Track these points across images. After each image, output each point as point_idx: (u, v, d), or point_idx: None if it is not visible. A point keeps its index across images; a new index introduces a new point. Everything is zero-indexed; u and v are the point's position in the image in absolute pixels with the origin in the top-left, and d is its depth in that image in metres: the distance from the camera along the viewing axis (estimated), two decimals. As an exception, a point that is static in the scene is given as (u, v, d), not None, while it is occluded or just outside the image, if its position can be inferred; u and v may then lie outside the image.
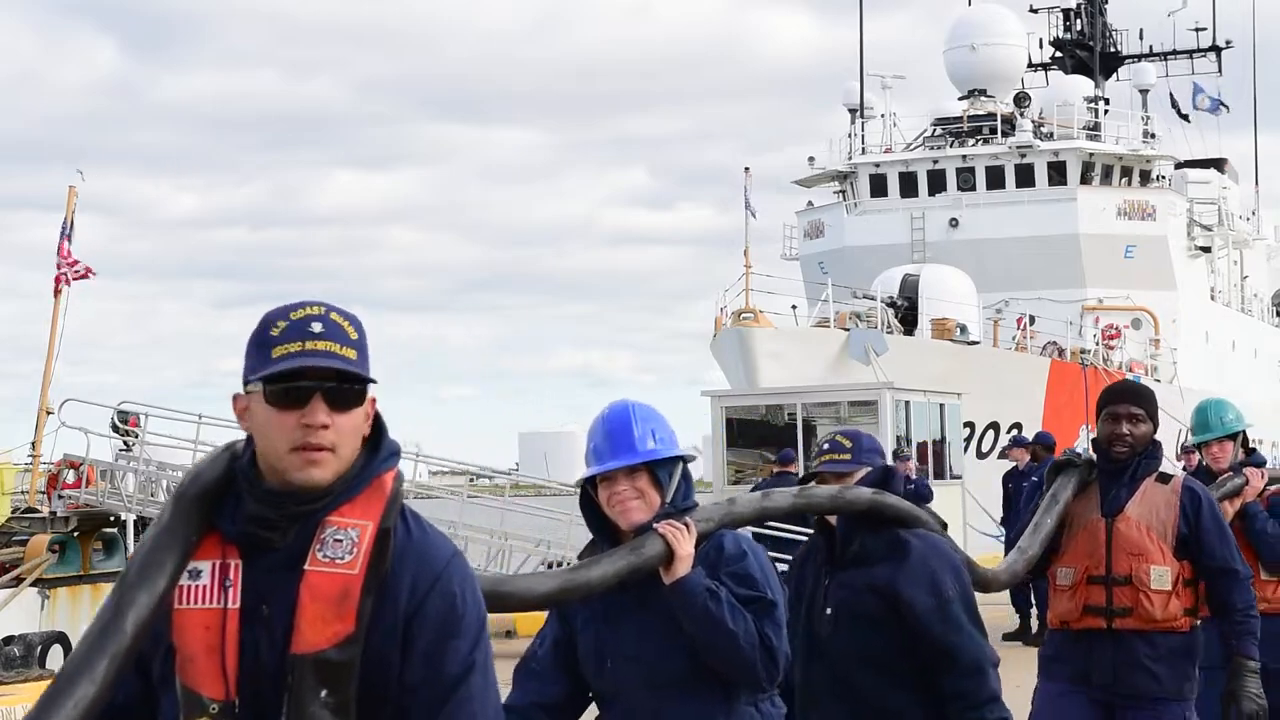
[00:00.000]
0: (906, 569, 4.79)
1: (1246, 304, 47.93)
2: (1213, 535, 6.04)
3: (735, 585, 4.13)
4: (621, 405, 4.27)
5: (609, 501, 4.17)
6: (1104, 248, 38.04)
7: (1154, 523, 5.99)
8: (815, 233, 40.85)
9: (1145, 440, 6.12)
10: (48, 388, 22.21)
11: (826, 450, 5.03)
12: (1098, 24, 47.66)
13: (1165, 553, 5.97)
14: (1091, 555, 6.04)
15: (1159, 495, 6.05)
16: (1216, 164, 46.70)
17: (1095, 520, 6.07)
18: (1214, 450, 7.62)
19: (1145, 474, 6.09)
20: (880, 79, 41.02)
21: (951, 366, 27.92)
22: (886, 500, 4.84)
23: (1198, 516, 6.01)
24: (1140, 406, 6.14)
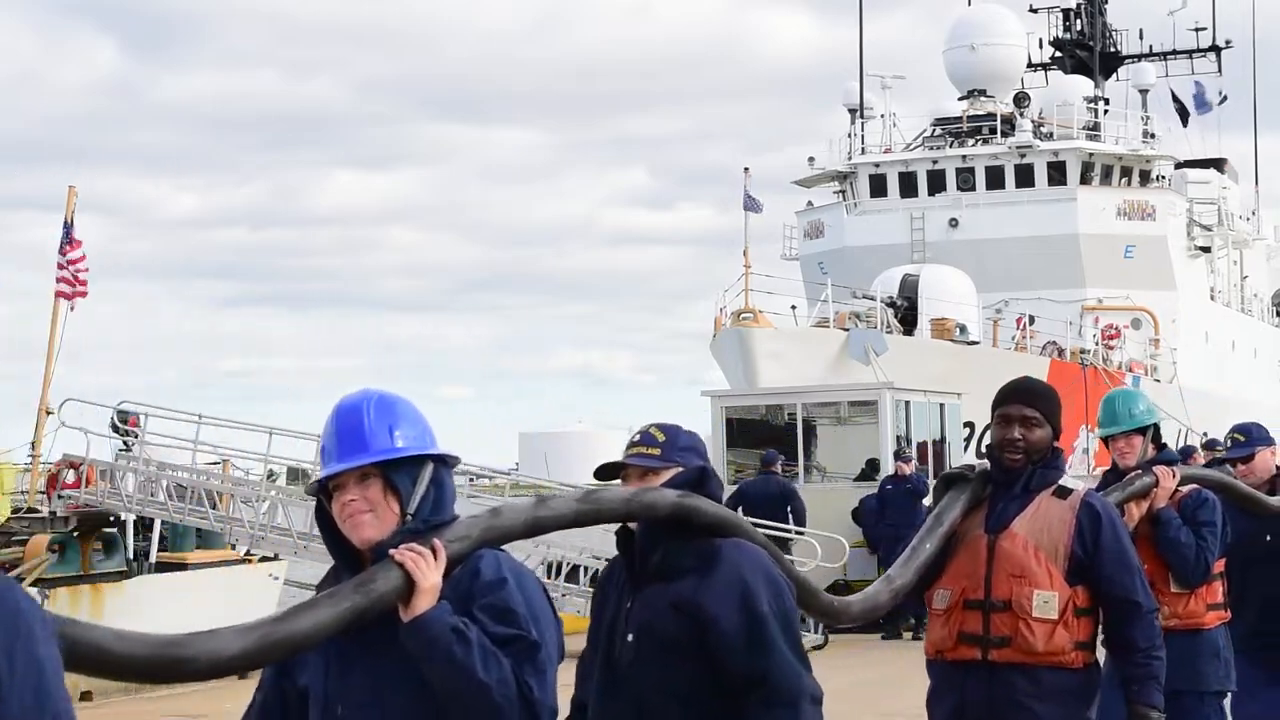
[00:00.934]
0: (713, 581, 4.03)
1: (1246, 304, 47.93)
2: (1113, 560, 5.20)
3: (491, 621, 3.29)
4: (356, 396, 3.54)
5: (339, 514, 3.41)
6: (1104, 248, 38.05)
7: (1043, 542, 5.19)
8: (815, 233, 40.86)
9: (1042, 447, 5.31)
10: (48, 388, 22.23)
11: (636, 442, 4.30)
12: (1098, 24, 47.67)
13: (1054, 576, 5.16)
14: (970, 576, 5.27)
15: (1053, 511, 5.24)
16: (1216, 164, 46.71)
17: (977, 537, 5.30)
18: (1121, 445, 6.87)
19: (1041, 486, 5.29)
20: (880, 79, 41.06)
21: (951, 366, 27.93)
22: (695, 504, 4.04)
23: (1097, 537, 5.20)
24: (1036, 407, 5.33)
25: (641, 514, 4.01)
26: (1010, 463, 5.30)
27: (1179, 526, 6.61)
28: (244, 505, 22.10)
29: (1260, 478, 7.49)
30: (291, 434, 22.90)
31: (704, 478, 4.21)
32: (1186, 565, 6.62)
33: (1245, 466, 7.50)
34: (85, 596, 20.68)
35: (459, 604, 3.29)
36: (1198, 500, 6.76)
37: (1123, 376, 35.34)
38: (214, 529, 22.22)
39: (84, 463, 21.69)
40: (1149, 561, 6.28)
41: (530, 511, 3.65)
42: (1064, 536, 5.19)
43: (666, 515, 4.00)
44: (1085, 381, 32.26)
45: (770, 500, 19.04)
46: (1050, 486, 5.29)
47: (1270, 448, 7.50)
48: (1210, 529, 6.70)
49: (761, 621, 3.97)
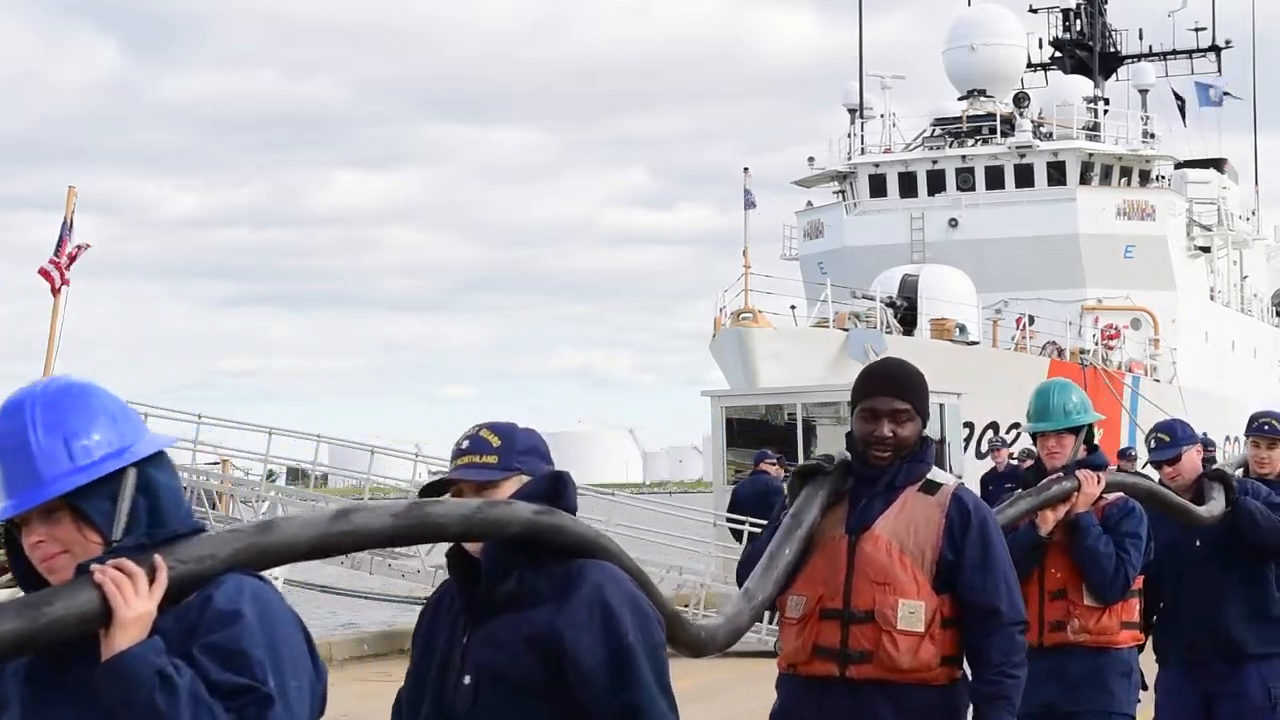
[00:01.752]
0: (573, 608, 3.39)
1: (1246, 304, 47.93)
2: (976, 561, 4.63)
3: (215, 665, 2.62)
4: (18, 396, 2.72)
5: (32, 557, 2.71)
6: (1103, 248, 38.06)
7: (909, 543, 4.64)
8: (815, 233, 40.87)
9: (911, 442, 4.74)
10: (47, 388, 22.18)
11: (466, 449, 3.55)
12: (1097, 24, 47.67)
13: (920, 583, 4.60)
14: (828, 582, 4.68)
15: (920, 509, 4.69)
16: (1216, 164, 46.72)
17: (837, 538, 4.71)
18: (1051, 444, 6.29)
19: (907, 482, 4.73)
20: (880, 79, 41.08)
21: (951, 366, 27.91)
22: (556, 521, 3.35)
23: (964, 535, 4.64)
24: (905, 399, 4.73)
25: (487, 532, 3.27)
26: (878, 460, 4.73)
27: (1099, 535, 6.05)
28: (244, 505, 22.11)
29: (1187, 479, 6.93)
30: (291, 434, 22.92)
31: (559, 486, 3.50)
32: (1104, 577, 6.03)
33: (1172, 468, 6.89)
34: (85, 596, 20.65)
35: (179, 641, 2.62)
36: (1123, 509, 6.20)
37: (1122, 376, 35.37)
38: (214, 529, 22.18)
39: (84, 463, 21.67)
40: (1062, 571, 6.05)
41: (320, 527, 2.88)
42: (931, 537, 4.64)
43: (520, 534, 3.29)
44: (1085, 382, 32.28)
45: (755, 499, 19.07)
46: (917, 481, 4.73)
47: (1196, 446, 7.02)
48: (1134, 541, 6.12)
49: (628, 653, 3.37)
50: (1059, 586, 6.10)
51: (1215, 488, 6.81)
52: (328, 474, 30.97)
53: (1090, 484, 6.08)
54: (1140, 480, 6.58)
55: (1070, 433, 6.25)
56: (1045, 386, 6.39)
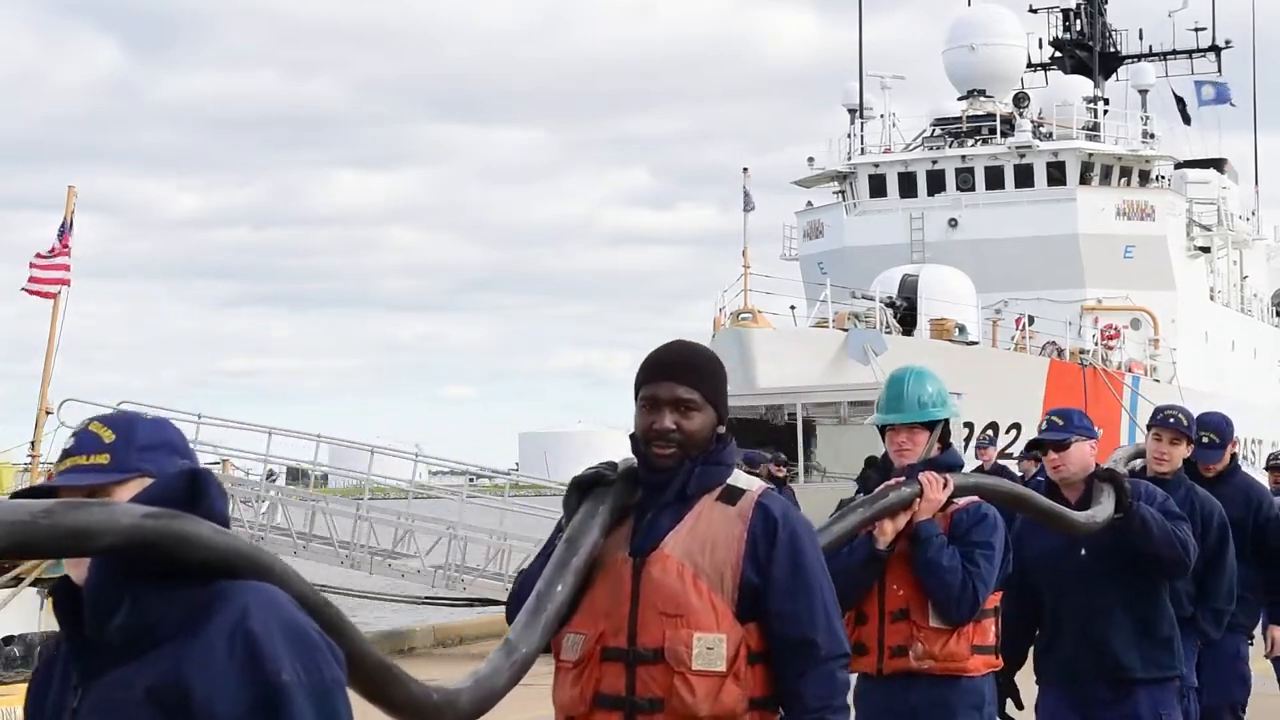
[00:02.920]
0: (204, 644, 2.55)
1: (1246, 304, 47.92)
2: (785, 584, 3.74)
3: None
4: None
5: None
6: (1103, 248, 38.05)
7: (705, 564, 3.75)
8: (814, 233, 40.87)
9: (702, 436, 3.86)
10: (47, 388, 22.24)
11: (71, 450, 2.76)
12: (1097, 24, 47.66)
13: (720, 612, 3.73)
14: (610, 615, 3.79)
15: (718, 521, 3.80)
16: (1216, 164, 46.70)
17: (619, 561, 3.82)
18: (902, 440, 5.54)
19: (702, 489, 3.85)
20: (880, 79, 41.08)
21: (950, 367, 27.88)
22: (179, 528, 2.48)
23: (770, 552, 3.75)
24: (694, 386, 3.85)
25: (61, 545, 2.37)
26: (660, 459, 3.84)
27: (942, 547, 5.26)
28: (244, 505, 22.13)
29: (1073, 473, 6.14)
30: (291, 434, 22.94)
31: (196, 486, 2.65)
32: (949, 594, 5.24)
33: (1058, 455, 6.13)
34: (85, 596, 20.66)
35: None
36: (974, 516, 5.40)
37: (1122, 377, 35.37)
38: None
39: (84, 463, 21.69)
40: (905, 588, 5.33)
41: None
42: (732, 555, 3.75)
43: (120, 545, 2.41)
44: (1085, 382, 32.28)
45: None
46: (715, 489, 3.85)
47: (1092, 442, 6.20)
48: (986, 553, 5.32)
49: (281, 694, 2.51)
50: (901, 606, 5.37)
51: (1105, 490, 6.04)
52: (328, 474, 30.97)
53: (934, 488, 5.31)
54: (1000, 482, 5.70)
55: (924, 428, 5.54)
56: (899, 374, 5.66)
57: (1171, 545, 6.06)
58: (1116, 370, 35.49)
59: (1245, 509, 8.04)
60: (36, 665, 2.92)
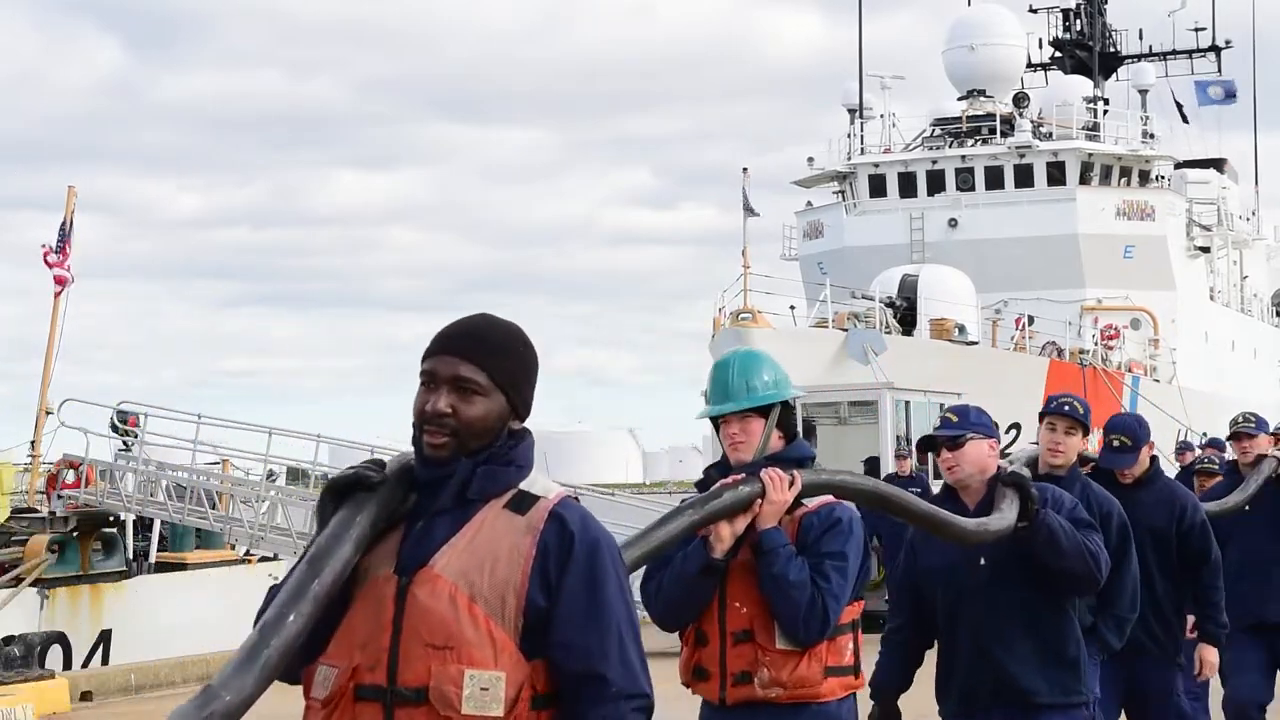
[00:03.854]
0: None
1: (1246, 304, 47.94)
2: (577, 609, 3.09)
3: None
4: None
5: None
6: (1103, 248, 38.07)
7: (484, 585, 3.08)
8: (814, 233, 40.89)
9: (483, 427, 3.17)
10: (47, 388, 22.26)
11: None
12: (1097, 24, 47.69)
13: (500, 644, 3.06)
14: (367, 646, 3.10)
15: (504, 533, 3.13)
16: (1216, 164, 46.73)
17: (381, 580, 3.14)
18: (734, 432, 4.78)
19: (488, 492, 3.17)
20: (880, 79, 41.09)
21: (950, 367, 27.95)
22: None
23: (563, 571, 3.11)
24: (479, 364, 3.18)
25: None
26: (431, 449, 3.17)
27: (789, 558, 4.54)
28: (243, 505, 22.14)
29: (969, 474, 5.54)
30: (291, 434, 22.93)
31: None
32: (796, 613, 4.54)
33: (951, 455, 5.53)
34: (85, 596, 20.69)
35: None
36: (826, 521, 4.67)
37: (1122, 377, 35.38)
38: (213, 529, 22.25)
39: (84, 463, 21.73)
40: (749, 605, 4.61)
41: None
42: (517, 575, 3.08)
43: None
44: (1084, 382, 32.27)
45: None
46: (504, 494, 3.17)
47: (991, 440, 5.58)
48: (837, 564, 4.62)
49: None
50: (744, 626, 4.64)
51: (1008, 496, 5.37)
52: (328, 474, 30.95)
53: (778, 487, 4.54)
54: (861, 479, 4.89)
55: (757, 415, 4.78)
56: (725, 359, 4.89)
57: (1082, 558, 5.41)
58: (1116, 370, 35.49)
59: (1168, 518, 7.39)
60: None
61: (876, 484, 4.91)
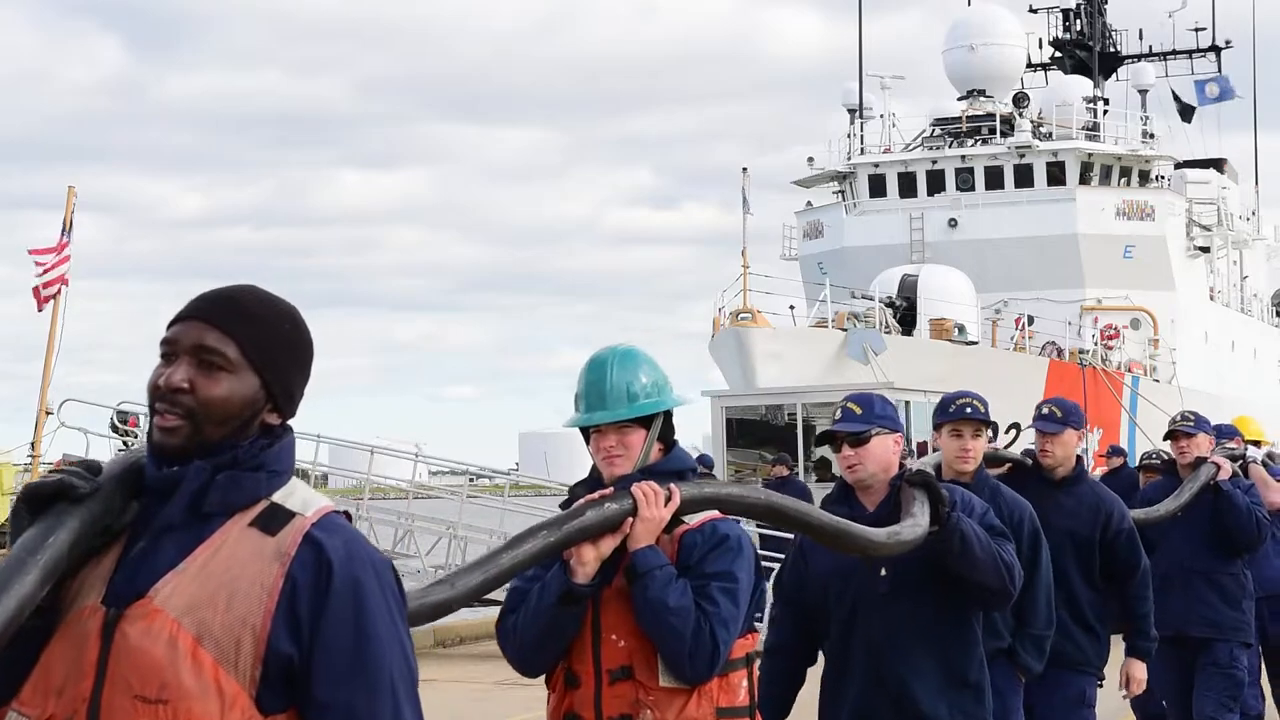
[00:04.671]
0: None
1: (1246, 304, 47.94)
2: (338, 660, 2.45)
3: None
4: None
5: None
6: (1103, 248, 38.07)
7: (214, 625, 2.42)
8: (814, 233, 40.88)
9: (227, 412, 2.52)
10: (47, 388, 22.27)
11: None
12: (1097, 24, 47.69)
13: (230, 699, 2.41)
14: (64, 693, 2.47)
15: (247, 559, 2.47)
16: (1216, 164, 46.70)
17: (88, 612, 2.50)
18: (609, 444, 4.12)
19: (230, 504, 2.50)
20: (880, 79, 41.10)
21: (950, 366, 27.95)
22: None
23: (318, 611, 2.45)
24: (230, 334, 2.55)
25: None
26: (162, 433, 2.52)
27: (668, 581, 3.92)
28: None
29: (872, 474, 4.95)
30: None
31: None
32: (679, 643, 3.91)
33: (854, 452, 4.92)
34: (85, 596, 20.69)
35: None
36: (710, 539, 4.04)
37: (1122, 377, 35.39)
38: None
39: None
40: (627, 638, 3.97)
41: None
42: (257, 613, 2.42)
43: None
44: (1084, 382, 32.29)
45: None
46: (252, 507, 2.50)
47: (896, 436, 5.00)
48: (726, 586, 3.99)
49: None
50: (622, 663, 3.97)
51: (917, 499, 4.75)
52: (328, 474, 30.98)
53: (652, 503, 3.91)
54: (748, 489, 4.27)
55: (638, 426, 4.12)
56: (600, 358, 4.19)
57: (996, 569, 4.82)
58: (1116, 370, 35.50)
59: (1092, 524, 6.97)
60: None
61: (770, 496, 4.26)
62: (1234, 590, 8.43)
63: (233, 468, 2.51)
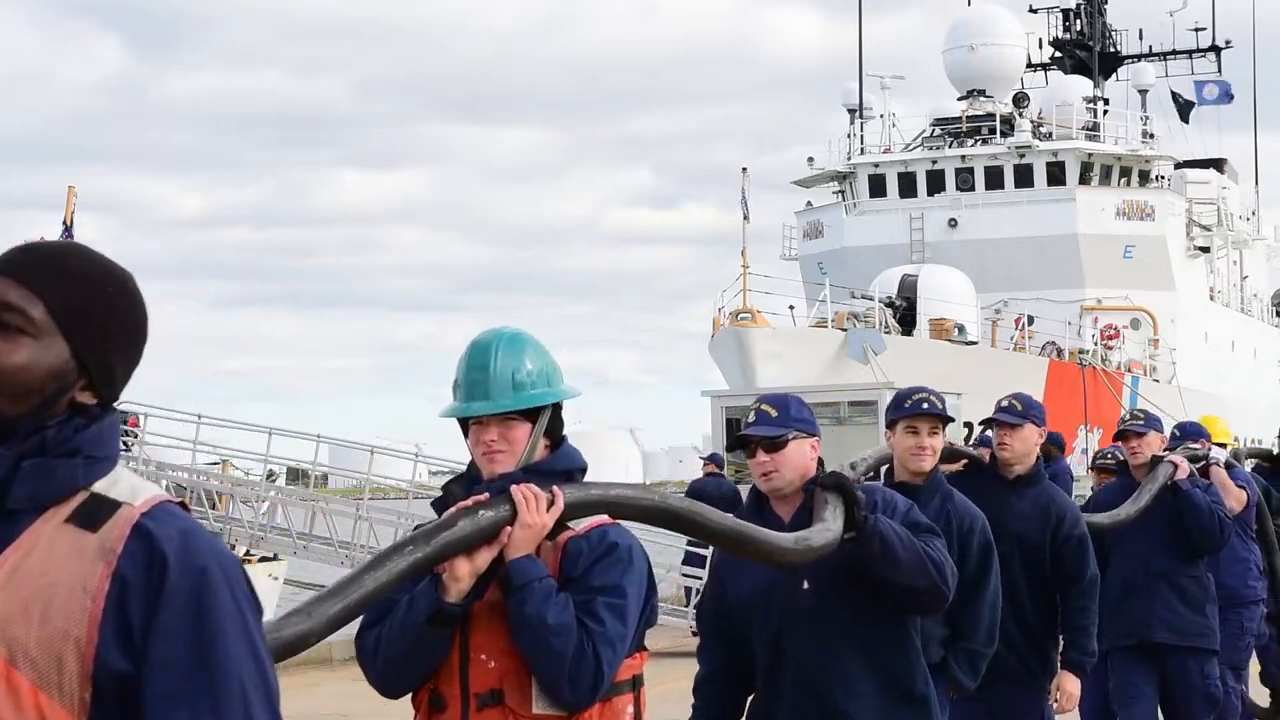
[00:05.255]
0: None
1: (1246, 304, 47.95)
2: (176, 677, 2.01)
3: None
4: None
5: None
6: (1103, 248, 38.08)
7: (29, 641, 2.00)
8: (814, 233, 40.90)
9: (29, 382, 2.08)
10: (47, 388, 22.24)
11: None
12: (1097, 24, 47.69)
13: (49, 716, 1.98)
14: None
15: (64, 561, 2.04)
16: (1216, 164, 46.71)
17: None
18: (490, 439, 3.61)
19: (44, 496, 2.07)
20: (879, 79, 41.11)
21: (950, 366, 27.96)
22: None
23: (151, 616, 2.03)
24: (35, 290, 2.10)
25: None
26: None
27: (547, 596, 3.45)
28: (244, 505, 22.14)
29: (789, 481, 4.51)
30: (291, 434, 22.95)
31: None
32: (557, 665, 3.43)
33: (770, 456, 4.48)
34: (85, 596, 20.69)
35: None
36: (597, 547, 3.57)
37: (1122, 377, 35.39)
38: (213, 529, 22.24)
39: (84, 463, 21.73)
40: (499, 658, 3.50)
41: None
42: (80, 623, 2.01)
43: None
44: (1084, 382, 32.30)
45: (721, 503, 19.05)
46: (69, 499, 2.10)
47: (813, 440, 4.57)
48: (613, 601, 3.52)
49: None
50: (492, 685, 3.49)
51: (830, 502, 4.30)
52: (328, 474, 30.99)
53: (532, 508, 3.43)
54: (644, 494, 3.73)
55: (523, 418, 3.63)
56: (483, 341, 3.70)
57: (924, 568, 4.40)
58: (1116, 370, 35.51)
59: (1042, 528, 6.52)
60: None
61: (665, 498, 3.79)
62: (1197, 594, 8.02)
63: (41, 454, 2.06)
